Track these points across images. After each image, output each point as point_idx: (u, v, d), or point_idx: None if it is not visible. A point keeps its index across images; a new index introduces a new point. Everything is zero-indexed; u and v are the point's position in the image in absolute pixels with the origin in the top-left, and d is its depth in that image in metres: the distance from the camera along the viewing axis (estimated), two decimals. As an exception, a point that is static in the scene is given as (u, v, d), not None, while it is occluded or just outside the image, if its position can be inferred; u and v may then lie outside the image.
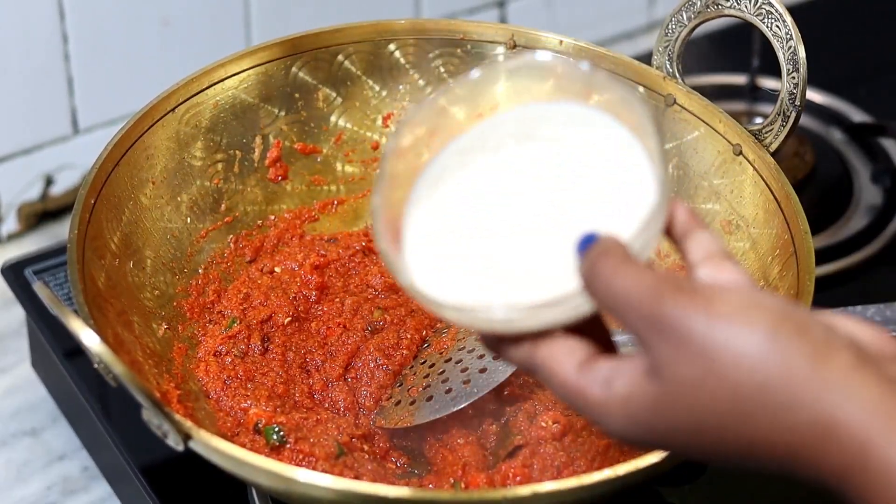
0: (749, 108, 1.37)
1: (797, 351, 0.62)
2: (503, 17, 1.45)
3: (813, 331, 0.63)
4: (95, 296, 0.89)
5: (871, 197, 1.29)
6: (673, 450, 0.68)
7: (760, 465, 0.64)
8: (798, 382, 0.62)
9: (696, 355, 0.63)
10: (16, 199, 1.27)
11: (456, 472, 0.90)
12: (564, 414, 0.92)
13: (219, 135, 1.05)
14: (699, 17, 1.02)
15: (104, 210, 0.95)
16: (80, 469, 1.08)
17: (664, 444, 0.67)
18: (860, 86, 1.42)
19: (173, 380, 0.93)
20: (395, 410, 0.94)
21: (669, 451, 0.72)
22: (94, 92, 1.25)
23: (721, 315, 0.63)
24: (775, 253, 0.95)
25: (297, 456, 0.89)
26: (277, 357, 0.97)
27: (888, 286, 1.21)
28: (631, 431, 0.66)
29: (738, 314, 0.63)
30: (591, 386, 0.67)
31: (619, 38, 1.53)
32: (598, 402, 0.66)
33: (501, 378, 0.93)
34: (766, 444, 0.63)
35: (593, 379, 0.67)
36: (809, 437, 0.62)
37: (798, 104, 0.97)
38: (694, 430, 0.64)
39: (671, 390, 0.64)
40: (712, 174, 1.02)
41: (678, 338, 0.63)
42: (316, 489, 0.77)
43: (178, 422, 0.79)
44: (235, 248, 1.04)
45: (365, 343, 0.98)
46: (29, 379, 1.14)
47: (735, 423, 0.63)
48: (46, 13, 1.19)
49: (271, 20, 1.31)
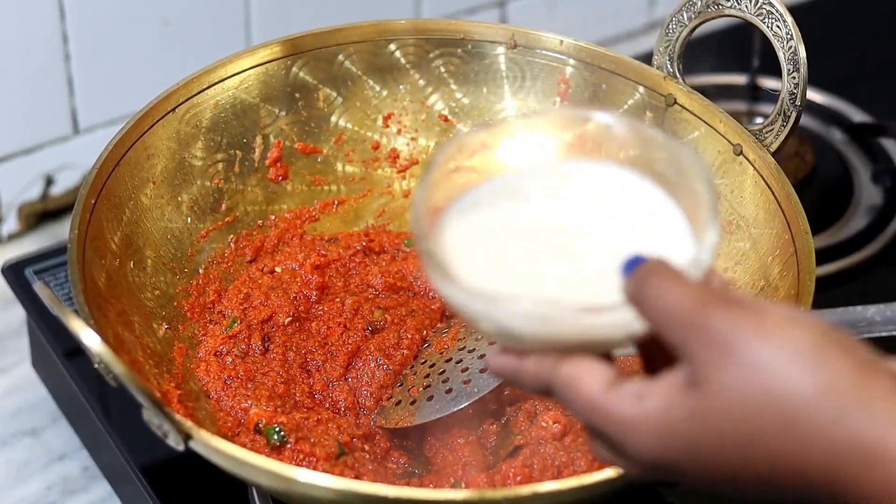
0: (749, 108, 1.37)
1: (843, 369, 0.61)
2: (503, 16, 1.45)
3: (857, 351, 0.62)
4: (96, 296, 0.89)
5: (872, 197, 1.29)
6: (705, 471, 0.65)
7: (798, 487, 0.62)
8: (844, 399, 0.61)
9: (742, 365, 0.62)
10: (16, 199, 1.27)
11: (456, 472, 0.90)
12: (565, 414, 0.92)
13: (219, 135, 1.05)
14: (700, 17, 1.02)
15: (104, 210, 0.94)
16: (80, 469, 1.08)
17: (697, 464, 0.64)
18: (860, 86, 1.42)
19: (174, 380, 0.93)
20: (396, 410, 0.94)
21: (701, 474, 0.65)
22: (94, 92, 1.25)
23: (769, 327, 0.62)
24: (776, 253, 0.95)
25: (298, 456, 0.89)
26: (278, 357, 0.97)
27: (888, 286, 1.21)
28: (664, 451, 0.64)
29: (786, 328, 0.62)
30: (621, 402, 0.64)
31: (620, 37, 1.53)
32: (628, 419, 0.64)
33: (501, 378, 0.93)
34: (807, 461, 0.62)
35: (623, 395, 0.65)
36: (853, 456, 0.61)
37: (798, 104, 0.97)
38: (731, 443, 0.62)
39: (712, 400, 0.62)
40: (713, 174, 1.02)
41: (725, 347, 0.62)
42: (316, 489, 0.77)
43: (179, 422, 0.79)
44: (236, 248, 1.04)
45: (365, 343, 0.98)
46: (29, 379, 1.14)
47: (777, 435, 0.62)
48: (47, 13, 1.19)
49: (271, 20, 1.31)
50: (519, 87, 1.09)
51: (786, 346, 0.62)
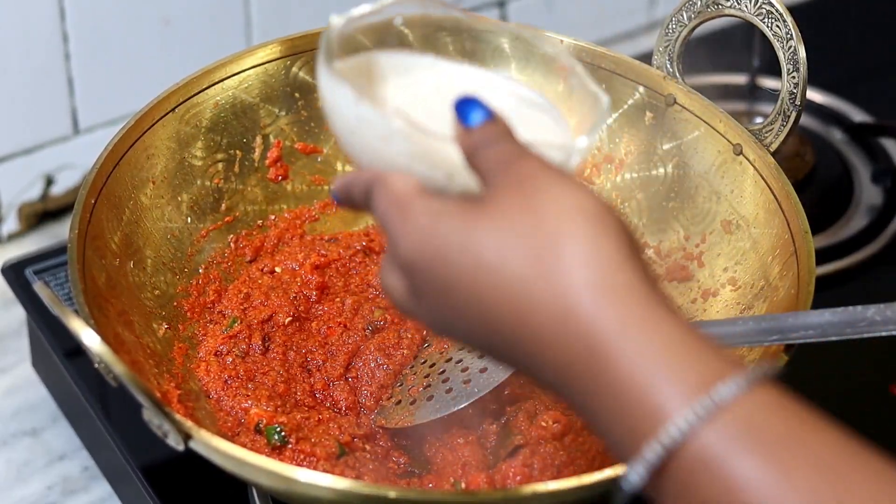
0: (749, 107, 1.37)
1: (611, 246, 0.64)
2: (504, 16, 1.45)
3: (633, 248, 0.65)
4: (96, 295, 0.89)
5: (872, 197, 1.29)
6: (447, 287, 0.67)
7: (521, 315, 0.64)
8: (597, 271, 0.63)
9: (531, 189, 0.65)
10: (16, 199, 1.27)
11: (456, 472, 0.90)
12: (565, 414, 0.92)
13: (219, 135, 1.05)
14: (699, 16, 1.02)
15: (104, 210, 0.95)
16: (80, 469, 1.08)
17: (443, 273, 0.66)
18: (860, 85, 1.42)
19: (174, 380, 0.93)
20: (396, 410, 0.94)
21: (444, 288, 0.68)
22: (94, 92, 1.25)
23: (574, 182, 0.65)
24: (776, 253, 0.95)
25: (299, 456, 0.89)
26: (278, 357, 0.97)
27: (888, 286, 1.21)
28: (422, 248, 0.67)
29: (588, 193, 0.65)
30: (422, 204, 0.68)
31: (620, 37, 1.53)
32: (413, 213, 0.67)
33: (502, 378, 0.93)
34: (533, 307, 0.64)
35: (429, 202, 0.68)
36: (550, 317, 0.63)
37: (798, 104, 0.97)
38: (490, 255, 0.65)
39: (489, 209, 0.65)
40: (713, 174, 1.02)
41: (525, 178, 0.65)
42: (316, 489, 0.77)
43: (179, 422, 0.79)
44: (236, 248, 1.04)
45: (365, 343, 0.98)
46: (29, 379, 1.14)
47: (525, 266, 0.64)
48: (47, 13, 1.19)
49: (271, 20, 1.31)
50: (519, 87, 1.09)
51: (577, 199, 0.64)
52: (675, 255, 1.03)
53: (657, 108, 1.04)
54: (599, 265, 0.63)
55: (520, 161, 0.67)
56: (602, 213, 0.64)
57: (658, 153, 1.05)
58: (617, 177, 1.07)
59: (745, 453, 0.58)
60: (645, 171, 1.06)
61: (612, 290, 0.62)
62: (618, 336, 0.61)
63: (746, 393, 0.59)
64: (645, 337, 0.61)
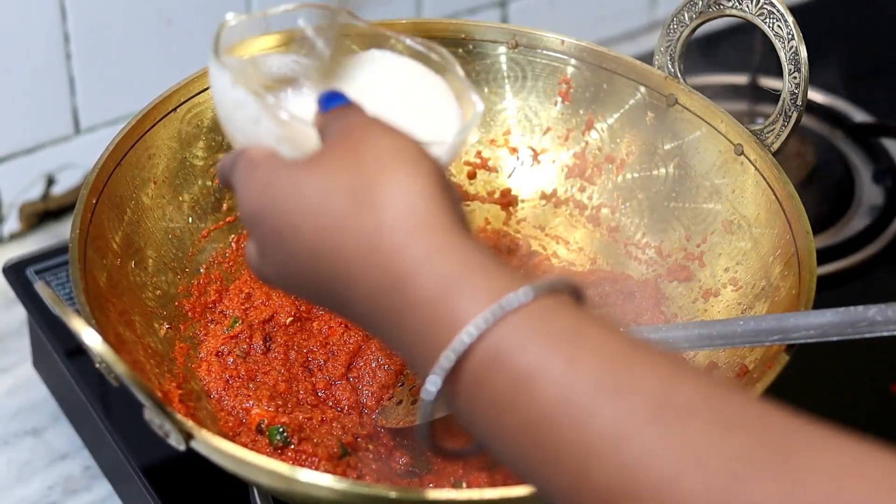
0: (750, 108, 1.37)
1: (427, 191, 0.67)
2: (505, 16, 1.45)
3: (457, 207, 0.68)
4: (97, 295, 0.89)
5: (873, 197, 1.29)
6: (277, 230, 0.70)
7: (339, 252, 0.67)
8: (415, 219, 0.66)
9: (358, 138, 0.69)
10: (17, 199, 1.27)
11: (456, 472, 0.90)
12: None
13: (220, 134, 1.05)
14: (701, 16, 1.02)
15: (106, 210, 0.95)
16: (81, 469, 1.08)
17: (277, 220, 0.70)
18: (861, 86, 1.42)
19: (175, 379, 0.93)
20: (397, 410, 0.94)
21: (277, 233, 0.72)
22: (95, 91, 1.25)
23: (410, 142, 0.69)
24: (777, 253, 0.95)
25: (301, 456, 0.89)
26: (279, 357, 0.97)
27: (889, 286, 1.21)
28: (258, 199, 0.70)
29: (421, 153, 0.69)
30: (272, 160, 0.72)
31: (621, 38, 1.53)
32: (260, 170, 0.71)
33: (503, 378, 0.93)
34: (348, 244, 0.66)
35: (278, 160, 0.71)
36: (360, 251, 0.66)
37: (799, 104, 0.97)
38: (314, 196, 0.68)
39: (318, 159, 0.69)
40: (714, 174, 1.02)
41: (356, 129, 0.69)
42: (317, 489, 0.77)
43: (180, 421, 0.79)
44: (237, 248, 1.04)
45: (366, 342, 0.98)
46: (30, 379, 1.14)
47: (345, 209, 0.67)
48: (48, 13, 1.19)
49: (273, 20, 1.31)
50: (520, 87, 1.09)
51: (395, 142, 0.68)
52: (677, 255, 1.03)
53: (658, 108, 1.04)
54: (410, 202, 0.66)
55: (355, 120, 0.71)
56: (417, 156, 0.68)
57: (659, 153, 1.05)
58: (618, 177, 1.07)
59: (532, 346, 0.61)
60: (646, 171, 1.06)
61: (420, 225, 0.65)
62: (421, 263, 0.64)
63: (534, 299, 0.62)
64: (446, 262, 0.64)
